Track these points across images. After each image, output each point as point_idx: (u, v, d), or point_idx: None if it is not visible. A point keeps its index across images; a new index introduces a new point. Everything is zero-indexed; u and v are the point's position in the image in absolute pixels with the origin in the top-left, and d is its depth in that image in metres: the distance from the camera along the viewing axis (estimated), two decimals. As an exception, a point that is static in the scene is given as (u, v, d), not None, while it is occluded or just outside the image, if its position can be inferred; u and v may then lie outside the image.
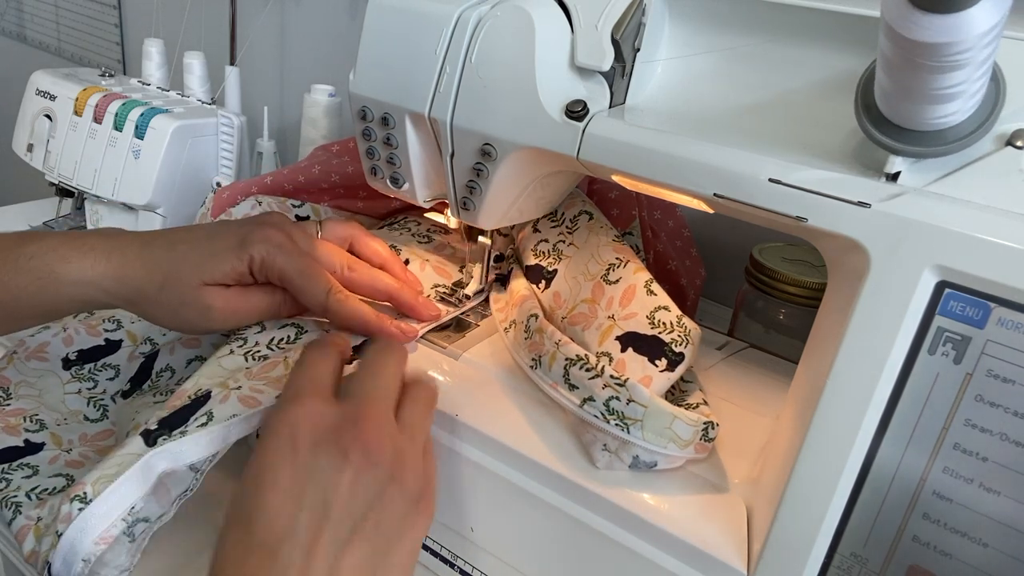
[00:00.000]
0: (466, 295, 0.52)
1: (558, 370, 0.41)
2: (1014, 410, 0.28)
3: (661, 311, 0.43)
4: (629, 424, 0.38)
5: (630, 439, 0.38)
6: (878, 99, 0.30)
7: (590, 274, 0.47)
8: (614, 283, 0.45)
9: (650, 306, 0.43)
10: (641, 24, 0.39)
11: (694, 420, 0.38)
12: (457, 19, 0.40)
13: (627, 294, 0.44)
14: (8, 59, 1.56)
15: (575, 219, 0.52)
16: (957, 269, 0.29)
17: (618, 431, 0.38)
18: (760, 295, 0.57)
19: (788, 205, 0.32)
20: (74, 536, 0.36)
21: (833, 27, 0.35)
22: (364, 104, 0.44)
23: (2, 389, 0.49)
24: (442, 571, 0.45)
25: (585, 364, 0.40)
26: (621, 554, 0.38)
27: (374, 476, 0.33)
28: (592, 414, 0.39)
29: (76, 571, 0.36)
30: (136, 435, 0.39)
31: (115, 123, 0.78)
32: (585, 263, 0.48)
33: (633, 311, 0.43)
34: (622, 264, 0.46)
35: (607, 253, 0.47)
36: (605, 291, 0.45)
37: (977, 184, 0.29)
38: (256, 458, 0.34)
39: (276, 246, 0.43)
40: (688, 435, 0.38)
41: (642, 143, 0.36)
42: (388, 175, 0.47)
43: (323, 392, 0.36)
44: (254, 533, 0.32)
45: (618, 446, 0.39)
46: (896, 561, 0.32)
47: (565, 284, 0.49)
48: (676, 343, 0.41)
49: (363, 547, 0.32)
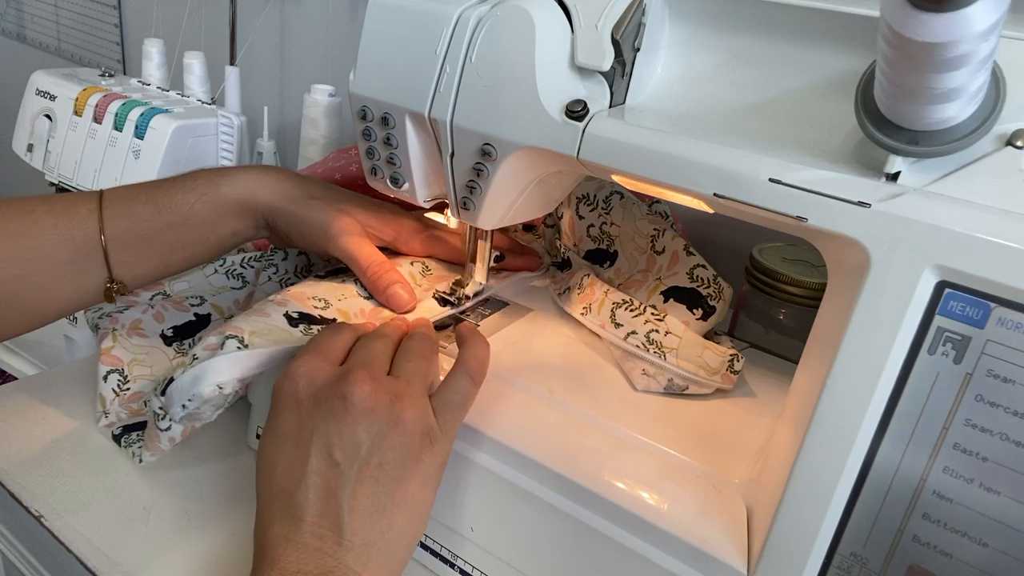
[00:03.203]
0: (466, 295, 0.52)
1: (606, 313, 0.50)
2: (1014, 410, 0.28)
3: (699, 268, 0.51)
4: (666, 352, 0.46)
5: (666, 365, 0.46)
6: (878, 99, 0.30)
7: (641, 248, 0.55)
8: (660, 253, 0.53)
9: (689, 264, 0.51)
10: (641, 24, 0.39)
11: (722, 351, 0.46)
12: (457, 19, 0.40)
13: (673, 259, 0.52)
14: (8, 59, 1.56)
15: (607, 200, 0.57)
16: (957, 269, 0.29)
17: (656, 358, 0.46)
18: (760, 295, 0.57)
19: (788, 205, 0.32)
20: (212, 367, 0.40)
21: (833, 27, 0.35)
22: (364, 104, 0.44)
23: (119, 372, 0.51)
24: (442, 571, 0.45)
25: (629, 306, 0.49)
26: (621, 554, 0.38)
27: (372, 420, 0.36)
28: (634, 344, 0.47)
29: (201, 391, 0.40)
30: (280, 315, 0.44)
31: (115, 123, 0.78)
32: (632, 238, 0.56)
33: (675, 270, 0.51)
34: (661, 233, 0.53)
35: (644, 226, 0.55)
36: (656, 261, 0.53)
37: (977, 184, 0.29)
38: (270, 413, 0.38)
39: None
40: (716, 364, 0.46)
41: (642, 143, 0.36)
42: (388, 175, 0.47)
43: (326, 354, 0.39)
44: (275, 481, 0.36)
45: (655, 371, 0.46)
46: (896, 561, 0.32)
47: (625, 261, 0.57)
48: (711, 297, 0.49)
49: (370, 486, 0.36)
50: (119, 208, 0.47)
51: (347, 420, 0.36)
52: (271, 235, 0.52)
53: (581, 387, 0.46)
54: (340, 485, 0.35)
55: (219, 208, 0.49)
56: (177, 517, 0.46)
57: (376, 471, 0.36)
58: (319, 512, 0.35)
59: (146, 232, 0.47)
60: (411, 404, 0.37)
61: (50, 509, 0.45)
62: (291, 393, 0.38)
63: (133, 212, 0.47)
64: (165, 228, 0.48)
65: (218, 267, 0.56)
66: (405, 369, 0.39)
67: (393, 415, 0.36)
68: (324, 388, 0.37)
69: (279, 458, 0.37)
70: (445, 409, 0.39)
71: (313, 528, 0.35)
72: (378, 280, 0.49)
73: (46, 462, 0.48)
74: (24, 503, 0.45)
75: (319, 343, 0.40)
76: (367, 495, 0.35)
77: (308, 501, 0.35)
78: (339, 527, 0.35)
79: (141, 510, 0.46)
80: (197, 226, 0.48)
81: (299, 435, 0.37)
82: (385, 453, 0.36)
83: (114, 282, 0.47)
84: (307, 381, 0.38)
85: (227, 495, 0.48)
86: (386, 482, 0.36)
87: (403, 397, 0.37)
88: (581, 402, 0.44)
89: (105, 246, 0.46)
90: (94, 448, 0.50)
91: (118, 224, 0.46)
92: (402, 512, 0.36)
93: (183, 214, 0.48)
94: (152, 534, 0.45)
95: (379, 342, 0.41)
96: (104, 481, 0.48)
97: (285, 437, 0.37)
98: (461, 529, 0.44)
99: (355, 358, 0.39)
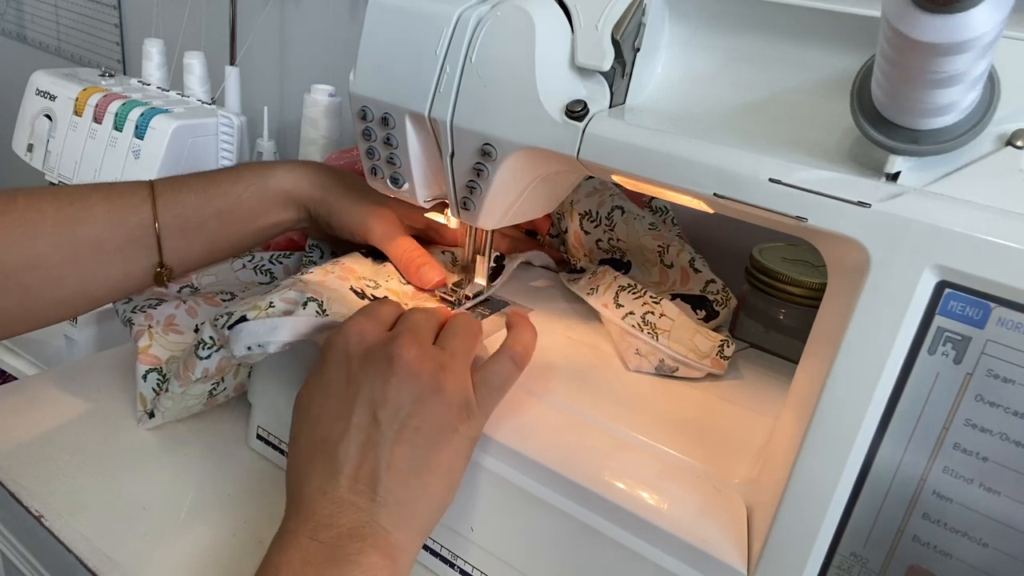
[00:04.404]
0: (466, 295, 0.52)
1: (610, 295, 0.52)
2: (1014, 410, 0.28)
3: (710, 284, 0.53)
4: (659, 333, 0.48)
5: (657, 345, 0.47)
6: (875, 98, 0.30)
7: (650, 260, 0.57)
8: (670, 267, 0.56)
9: (701, 281, 0.54)
10: (641, 24, 0.39)
11: (713, 336, 0.48)
12: (457, 19, 0.40)
13: (684, 276, 0.55)
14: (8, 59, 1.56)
15: (610, 215, 0.59)
16: (957, 269, 0.29)
17: (648, 338, 0.48)
18: (760, 295, 0.57)
19: (788, 205, 0.32)
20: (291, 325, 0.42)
21: (833, 27, 0.35)
22: (364, 104, 0.44)
23: (157, 371, 0.51)
24: (442, 571, 0.45)
25: (632, 290, 0.52)
26: (621, 554, 0.38)
27: (416, 383, 0.37)
28: (630, 324, 0.49)
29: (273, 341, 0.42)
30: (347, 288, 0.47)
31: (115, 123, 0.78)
32: (641, 252, 0.58)
33: (689, 287, 0.54)
34: (666, 249, 0.56)
35: (649, 242, 0.57)
36: (668, 275, 0.56)
37: (977, 184, 0.29)
38: (319, 368, 0.40)
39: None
40: (706, 348, 0.47)
41: (642, 143, 0.36)
42: (388, 175, 0.47)
43: (377, 318, 0.41)
44: (318, 432, 0.38)
45: (648, 351, 0.48)
46: (896, 561, 0.32)
47: (638, 271, 0.58)
48: (717, 303, 0.52)
49: (407, 447, 0.37)
50: (171, 197, 0.49)
51: (392, 380, 0.37)
52: (312, 225, 0.55)
53: (581, 387, 0.46)
54: (380, 442, 0.36)
55: (266, 199, 0.52)
56: (177, 517, 0.46)
57: (413, 434, 0.37)
58: (357, 466, 0.36)
59: (196, 220, 0.50)
60: (453, 375, 0.38)
61: (50, 509, 0.45)
62: (342, 348, 0.39)
63: (185, 201, 0.50)
64: (213, 216, 0.51)
65: (246, 262, 0.57)
66: (451, 343, 0.40)
67: (436, 382, 0.37)
68: (374, 347, 0.38)
69: (324, 411, 0.38)
70: (485, 387, 0.40)
71: (350, 483, 0.36)
72: (410, 263, 0.51)
73: (46, 462, 0.48)
74: (24, 503, 0.45)
75: (371, 309, 0.42)
76: (403, 456, 0.36)
77: (348, 455, 0.36)
78: (375, 483, 0.36)
79: (141, 510, 0.46)
80: (244, 215, 0.51)
81: (346, 390, 0.38)
82: (424, 417, 0.37)
83: (163, 267, 0.50)
84: (358, 339, 0.39)
85: (227, 495, 0.48)
86: (422, 445, 0.37)
87: (446, 367, 0.38)
88: (581, 402, 0.44)
89: (159, 232, 0.49)
90: (94, 448, 0.50)
91: (170, 211, 0.49)
92: (435, 477, 0.37)
93: (231, 203, 0.51)
94: (152, 534, 0.45)
95: (426, 315, 0.42)
96: (104, 481, 0.48)
97: (331, 391, 0.38)
98: (461, 529, 0.44)
99: (404, 324, 0.40)
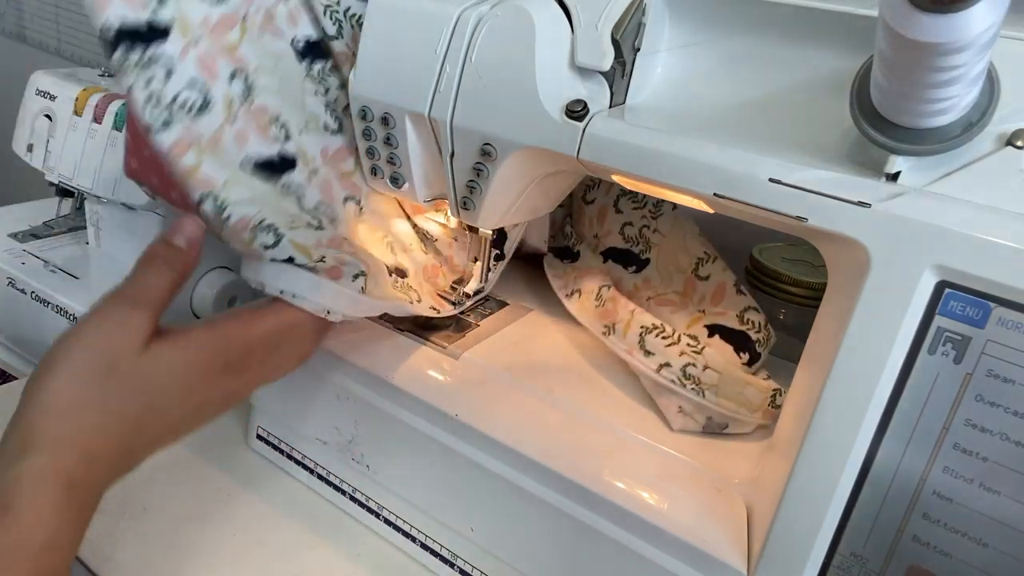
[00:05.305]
0: (466, 293, 0.52)
1: (633, 337, 0.45)
2: (1014, 410, 0.28)
3: (751, 311, 0.47)
4: (705, 389, 0.42)
5: (704, 403, 0.42)
6: (874, 97, 0.30)
7: (680, 266, 0.51)
8: (704, 279, 0.49)
9: (740, 305, 0.47)
10: (641, 24, 0.39)
11: (764, 387, 0.42)
12: (457, 19, 0.40)
13: (718, 292, 0.48)
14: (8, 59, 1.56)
15: (658, 204, 0.53)
16: (957, 269, 0.29)
17: (694, 395, 0.42)
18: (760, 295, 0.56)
19: (788, 205, 0.32)
20: (333, 294, 0.41)
21: (833, 27, 0.35)
22: (364, 104, 0.44)
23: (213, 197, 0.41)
24: (442, 571, 0.45)
25: (661, 332, 0.44)
26: (621, 554, 0.38)
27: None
28: (669, 379, 0.43)
29: (309, 300, 0.40)
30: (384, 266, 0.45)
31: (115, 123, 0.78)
32: (675, 253, 0.51)
33: (724, 309, 0.47)
34: (710, 259, 0.50)
35: (695, 247, 0.51)
36: (697, 287, 0.49)
37: (977, 184, 0.29)
38: None
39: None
40: (758, 400, 0.42)
41: (642, 143, 0.36)
42: (388, 175, 0.47)
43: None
44: None
45: (692, 408, 0.43)
46: (896, 561, 0.32)
47: (656, 273, 0.52)
48: (760, 344, 0.46)
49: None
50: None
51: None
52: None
53: (581, 387, 0.46)
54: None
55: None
56: (177, 517, 0.46)
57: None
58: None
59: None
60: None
61: (50, 509, 0.45)
62: None
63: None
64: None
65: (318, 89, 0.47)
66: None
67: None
68: None
69: None
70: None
71: None
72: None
73: (46, 462, 0.48)
74: (24, 503, 0.45)
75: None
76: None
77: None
78: None
79: (141, 510, 0.46)
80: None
81: None
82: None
83: None
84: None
85: (227, 494, 0.48)
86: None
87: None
88: (581, 402, 0.44)
89: None
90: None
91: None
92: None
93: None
94: (152, 534, 0.45)
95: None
96: (104, 481, 0.48)
97: None
98: (461, 529, 0.44)
99: None
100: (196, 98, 0.40)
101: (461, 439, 0.43)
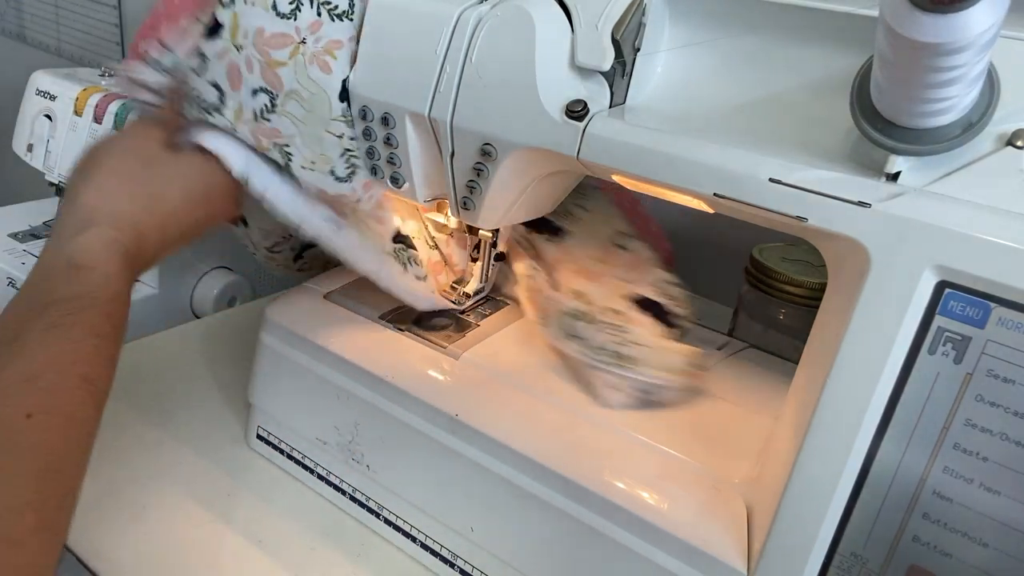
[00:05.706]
0: (466, 293, 0.52)
1: (556, 326, 0.47)
2: (1014, 410, 0.28)
3: (667, 284, 0.50)
4: (629, 363, 0.44)
5: (630, 375, 0.44)
6: (874, 97, 0.30)
7: (599, 236, 0.53)
8: (623, 249, 0.52)
9: (659, 278, 0.51)
10: (641, 24, 0.39)
11: (686, 352, 0.46)
12: (457, 19, 0.40)
13: (635, 262, 0.51)
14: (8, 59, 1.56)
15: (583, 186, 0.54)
16: (957, 269, 0.29)
17: (619, 370, 0.44)
18: (760, 295, 0.56)
19: (788, 205, 0.32)
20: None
21: (833, 27, 0.35)
22: (364, 104, 0.44)
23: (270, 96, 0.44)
24: (442, 571, 0.45)
25: (584, 317, 0.47)
26: (621, 554, 0.38)
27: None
28: (600, 360, 0.44)
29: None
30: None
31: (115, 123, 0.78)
32: (596, 225, 0.54)
33: (644, 277, 0.50)
34: (632, 238, 0.53)
35: (619, 222, 0.54)
36: (617, 256, 0.52)
37: (977, 184, 0.29)
38: None
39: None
40: (682, 365, 0.45)
41: (642, 143, 0.36)
42: (388, 175, 0.47)
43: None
44: None
45: (618, 381, 0.44)
46: (896, 561, 0.32)
47: (576, 241, 0.54)
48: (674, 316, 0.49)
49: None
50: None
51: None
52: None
53: (581, 387, 0.46)
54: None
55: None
56: (177, 517, 0.46)
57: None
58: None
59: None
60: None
61: (50, 509, 0.45)
62: None
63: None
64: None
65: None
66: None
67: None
68: None
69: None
70: None
71: None
72: None
73: (46, 462, 0.48)
74: (24, 503, 0.45)
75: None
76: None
77: None
78: None
79: (141, 510, 0.46)
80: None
81: None
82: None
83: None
84: None
85: (227, 494, 0.48)
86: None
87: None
88: (581, 402, 0.44)
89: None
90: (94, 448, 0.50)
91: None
92: None
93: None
94: (152, 534, 0.45)
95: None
96: (104, 481, 0.48)
97: None
98: (461, 529, 0.44)
99: None
100: (212, 101, 0.44)
101: (461, 439, 0.43)
